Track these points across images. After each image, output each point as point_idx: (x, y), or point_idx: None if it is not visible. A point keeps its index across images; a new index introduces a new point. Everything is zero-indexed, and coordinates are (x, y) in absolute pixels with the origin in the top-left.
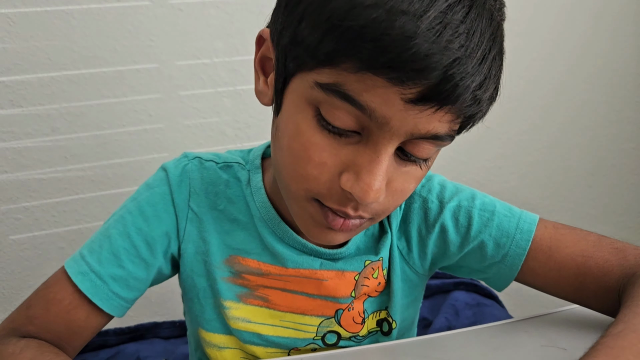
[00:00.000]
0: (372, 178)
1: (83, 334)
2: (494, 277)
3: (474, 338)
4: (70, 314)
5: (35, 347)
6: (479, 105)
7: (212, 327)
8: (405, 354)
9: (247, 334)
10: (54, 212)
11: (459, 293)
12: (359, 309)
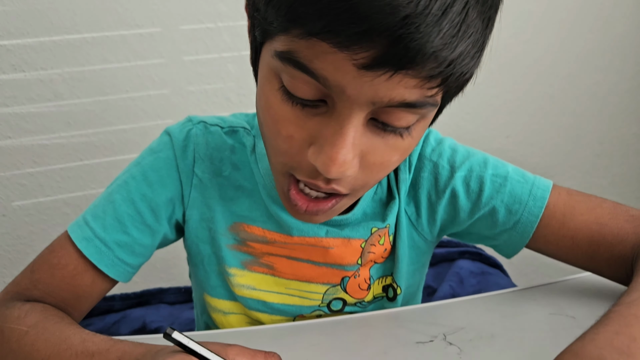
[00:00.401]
0: (335, 151)
1: (88, 298)
2: (504, 244)
3: (480, 305)
4: (76, 279)
5: (40, 311)
6: (450, 67)
7: (217, 293)
8: (411, 320)
9: (252, 301)
10: (58, 178)
11: (464, 262)
12: (365, 276)
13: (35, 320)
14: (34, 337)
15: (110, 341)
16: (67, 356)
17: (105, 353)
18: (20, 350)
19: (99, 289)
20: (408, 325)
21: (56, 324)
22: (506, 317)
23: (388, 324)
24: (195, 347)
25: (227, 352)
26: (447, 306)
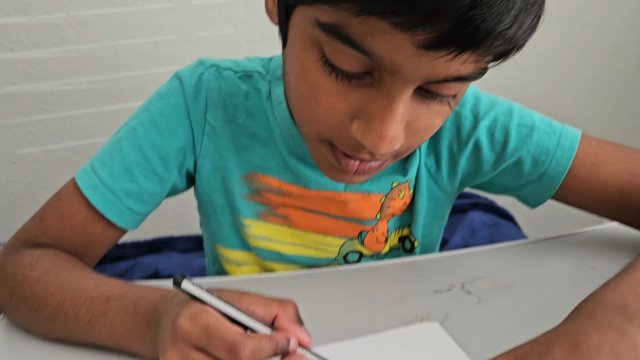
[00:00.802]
0: (385, 128)
1: (100, 246)
2: (529, 194)
3: (498, 256)
4: (86, 228)
5: (52, 257)
6: (512, 42)
7: (230, 243)
8: (429, 269)
9: (267, 252)
10: (67, 126)
11: (476, 213)
12: (383, 229)
13: (47, 267)
14: (47, 283)
15: (125, 286)
16: (81, 301)
17: (120, 298)
18: (34, 296)
19: (110, 237)
20: (425, 274)
21: (69, 270)
22: (525, 267)
23: (405, 272)
24: (204, 296)
25: (240, 300)
26: (464, 256)
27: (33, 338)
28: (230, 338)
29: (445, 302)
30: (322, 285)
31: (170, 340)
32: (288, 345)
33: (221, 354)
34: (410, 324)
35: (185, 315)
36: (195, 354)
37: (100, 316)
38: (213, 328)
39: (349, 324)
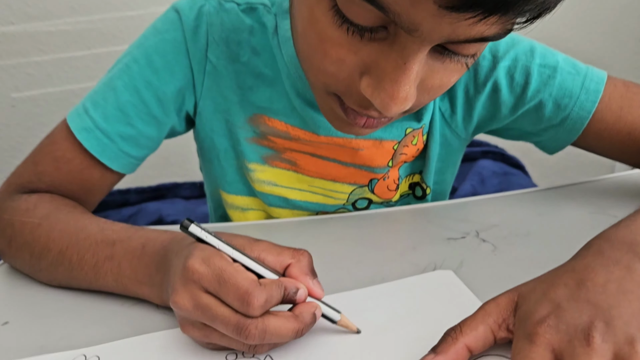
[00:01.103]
0: (397, 88)
1: (98, 191)
2: (549, 140)
3: (514, 203)
4: (83, 173)
5: (49, 202)
6: (545, 4)
7: (235, 189)
8: (441, 217)
9: (273, 197)
10: (66, 68)
11: (486, 161)
12: (394, 177)
13: (46, 212)
14: (47, 228)
15: (132, 229)
16: (86, 245)
17: (127, 240)
18: (35, 242)
19: (108, 181)
20: (438, 221)
21: (69, 214)
22: (542, 215)
23: (416, 219)
24: (214, 241)
25: (252, 247)
26: (478, 203)
27: (35, 283)
28: (244, 286)
29: (459, 250)
30: (329, 232)
31: (180, 281)
32: (296, 293)
33: (232, 302)
34: (423, 272)
35: (197, 256)
36: (206, 297)
37: (107, 260)
38: (226, 273)
39: (359, 272)
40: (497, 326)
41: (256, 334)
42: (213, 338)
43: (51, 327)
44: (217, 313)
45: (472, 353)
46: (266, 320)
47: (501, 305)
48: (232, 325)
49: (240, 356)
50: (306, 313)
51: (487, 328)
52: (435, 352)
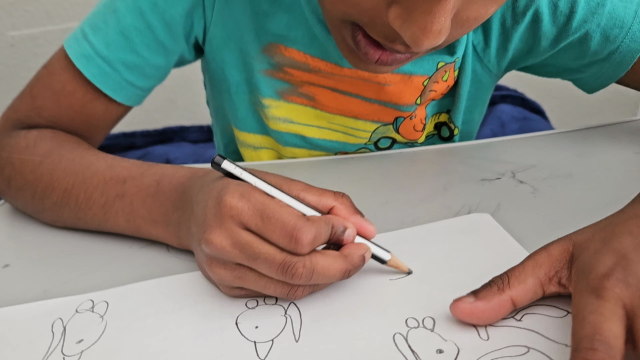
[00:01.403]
0: (430, 20)
1: (103, 126)
2: (591, 77)
3: (551, 143)
4: (86, 108)
5: (51, 138)
6: None
7: (246, 126)
8: (472, 157)
9: (289, 135)
10: (66, 5)
11: (505, 106)
12: (421, 116)
13: (48, 149)
14: (50, 166)
15: (144, 165)
16: (93, 183)
17: (139, 177)
18: (37, 181)
19: (113, 115)
20: (469, 161)
21: (74, 150)
22: (584, 155)
23: (446, 160)
24: (249, 178)
25: (290, 187)
26: (512, 143)
27: (38, 224)
28: (291, 222)
29: (495, 192)
30: (350, 173)
31: (215, 218)
32: (344, 232)
33: (279, 239)
34: (457, 216)
35: (234, 191)
36: (246, 234)
37: (117, 198)
38: (269, 209)
39: (385, 214)
40: (548, 279)
41: (303, 272)
42: (247, 280)
43: (55, 270)
44: (260, 251)
45: (516, 307)
46: (314, 258)
47: (554, 255)
48: (277, 263)
49: (262, 303)
50: (355, 254)
51: (536, 281)
52: (476, 296)
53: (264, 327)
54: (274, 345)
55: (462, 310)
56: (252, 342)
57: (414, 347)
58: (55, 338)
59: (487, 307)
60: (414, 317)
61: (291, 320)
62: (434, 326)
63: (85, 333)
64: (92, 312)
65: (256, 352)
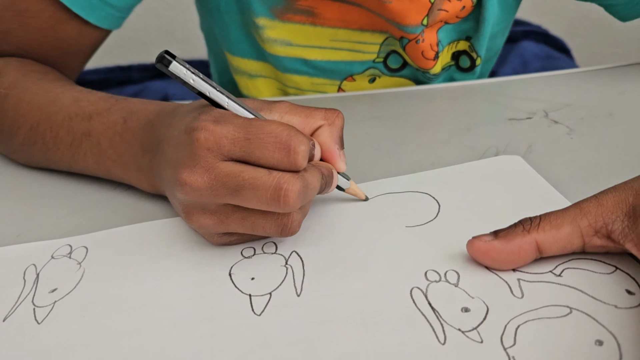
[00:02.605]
0: None
1: (77, 52)
2: (628, 1)
3: (588, 80)
4: (56, 30)
5: (16, 68)
6: None
7: (240, 50)
8: (498, 94)
9: (288, 60)
10: None
11: (528, 43)
12: (432, 41)
13: (12, 79)
14: (15, 100)
15: (112, 99)
16: (59, 120)
17: (105, 113)
18: (3, 117)
19: (88, 40)
20: (494, 99)
21: (39, 82)
22: (625, 93)
23: (467, 97)
24: (220, 98)
25: (271, 109)
26: (543, 80)
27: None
28: (284, 131)
29: (526, 133)
30: (361, 110)
31: (188, 154)
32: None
33: (273, 154)
34: (483, 158)
35: (206, 119)
36: (226, 165)
37: (84, 137)
38: (253, 126)
39: (402, 155)
40: (593, 230)
41: (297, 195)
42: (231, 222)
43: (30, 213)
44: (245, 177)
45: (542, 253)
46: (303, 176)
47: (605, 205)
48: (268, 186)
49: (260, 251)
50: (325, 167)
51: (575, 230)
52: (496, 235)
53: (261, 279)
54: (271, 299)
55: (477, 248)
56: (247, 295)
57: (435, 304)
58: (26, 286)
59: (505, 248)
60: (435, 269)
61: (292, 271)
62: (458, 281)
63: (60, 281)
64: (69, 259)
65: (251, 307)
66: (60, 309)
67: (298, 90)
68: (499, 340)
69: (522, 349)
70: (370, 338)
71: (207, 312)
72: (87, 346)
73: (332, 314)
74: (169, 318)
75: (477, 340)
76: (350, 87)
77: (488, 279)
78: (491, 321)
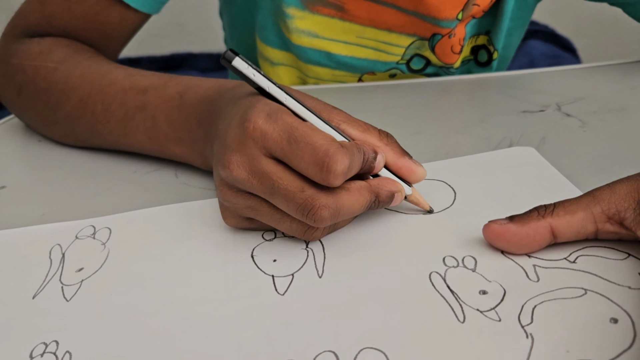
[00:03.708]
0: None
1: (119, 37)
2: None
3: (601, 75)
4: (100, 15)
5: (67, 45)
6: None
7: (265, 37)
8: (512, 87)
9: (312, 51)
10: None
11: (535, 42)
12: (460, 36)
13: (62, 56)
14: (65, 73)
15: (165, 75)
16: (111, 93)
17: (162, 87)
18: (51, 89)
19: (130, 24)
20: (509, 92)
21: (91, 59)
22: (637, 88)
23: (482, 90)
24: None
25: (330, 114)
26: (556, 74)
27: (36, 145)
28: (323, 146)
29: (539, 125)
30: (378, 100)
31: (237, 140)
32: (375, 159)
33: (307, 167)
34: (497, 149)
35: (261, 111)
36: (268, 162)
37: (138, 110)
38: (299, 131)
39: (417, 145)
40: (605, 217)
41: (328, 216)
42: (259, 212)
43: (55, 193)
44: (280, 185)
45: (556, 238)
46: (339, 198)
47: (618, 193)
48: (298, 202)
49: (280, 235)
50: (384, 188)
51: (588, 216)
52: (511, 220)
53: (282, 261)
54: (294, 280)
55: (492, 231)
56: (270, 276)
57: (454, 287)
58: (53, 265)
59: (520, 231)
60: (453, 255)
61: (313, 254)
62: (475, 266)
63: (86, 261)
64: (93, 239)
65: (274, 287)
66: (88, 287)
67: (318, 80)
68: (517, 318)
69: (539, 326)
70: (392, 316)
71: (232, 292)
72: (115, 322)
73: (354, 295)
74: (194, 296)
75: (495, 319)
76: (370, 79)
77: (505, 264)
78: (508, 302)
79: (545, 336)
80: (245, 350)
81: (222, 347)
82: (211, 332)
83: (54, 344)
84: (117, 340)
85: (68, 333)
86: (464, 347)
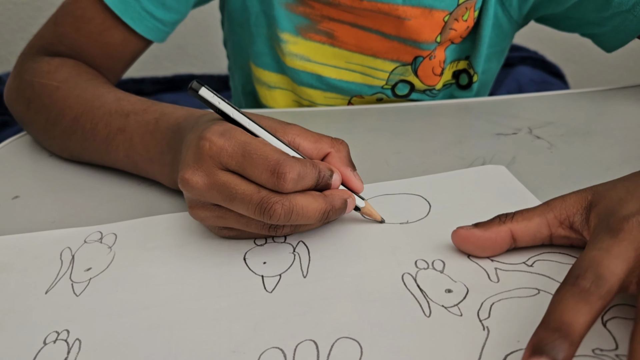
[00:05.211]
0: None
1: (121, 59)
2: (612, 32)
3: (571, 101)
4: (104, 36)
5: (72, 67)
6: None
7: (262, 62)
8: (489, 112)
9: (305, 74)
10: None
11: (524, 68)
12: (440, 58)
13: (66, 76)
14: (65, 92)
15: (148, 102)
16: (100, 114)
17: (141, 113)
18: (52, 106)
19: (132, 48)
20: (485, 116)
21: (89, 81)
22: (604, 114)
23: (461, 114)
24: (239, 117)
25: (285, 130)
26: (529, 100)
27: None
28: (274, 157)
29: (511, 146)
30: (365, 123)
31: (193, 156)
32: (331, 177)
33: (261, 175)
34: (471, 167)
35: (215, 130)
36: (223, 174)
37: (119, 132)
38: (251, 146)
39: (398, 162)
40: (558, 222)
41: (282, 212)
42: (228, 220)
43: (64, 202)
44: (237, 190)
45: (516, 243)
46: (293, 197)
47: (568, 201)
48: (255, 202)
49: (270, 240)
50: (337, 196)
51: (543, 222)
52: (477, 225)
53: (271, 263)
54: (281, 280)
55: (459, 235)
56: (260, 276)
57: (423, 286)
58: (64, 265)
59: (484, 235)
60: (424, 259)
61: (299, 257)
62: (443, 268)
63: (94, 262)
64: (100, 243)
65: (264, 286)
66: (96, 284)
67: (311, 103)
68: (476, 314)
69: (495, 320)
70: (366, 311)
71: (225, 289)
72: (120, 315)
73: (334, 292)
74: (191, 293)
75: (457, 314)
76: (359, 102)
77: (469, 267)
78: (470, 300)
79: (499, 328)
80: (236, 339)
81: (216, 337)
82: (206, 323)
83: (65, 332)
84: (121, 330)
85: (78, 323)
86: (429, 337)
